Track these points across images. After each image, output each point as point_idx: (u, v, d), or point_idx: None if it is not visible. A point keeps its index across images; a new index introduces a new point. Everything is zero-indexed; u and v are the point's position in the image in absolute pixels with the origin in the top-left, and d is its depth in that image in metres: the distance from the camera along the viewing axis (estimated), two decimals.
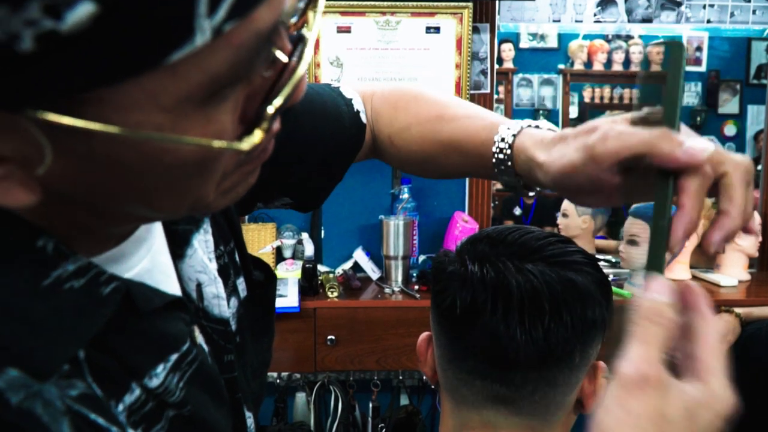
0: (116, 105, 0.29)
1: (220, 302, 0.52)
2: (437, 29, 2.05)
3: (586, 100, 5.07)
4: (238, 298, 0.56)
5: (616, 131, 0.48)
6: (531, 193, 0.61)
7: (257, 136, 0.34)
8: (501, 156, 0.58)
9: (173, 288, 0.48)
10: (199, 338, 0.49)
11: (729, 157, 0.46)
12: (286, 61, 0.35)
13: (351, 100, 0.69)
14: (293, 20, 0.37)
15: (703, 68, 4.74)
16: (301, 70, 0.35)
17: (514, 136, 0.58)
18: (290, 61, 0.35)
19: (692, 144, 0.44)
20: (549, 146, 0.54)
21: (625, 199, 0.54)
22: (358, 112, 0.69)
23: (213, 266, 0.52)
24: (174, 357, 0.43)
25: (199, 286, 0.51)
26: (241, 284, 0.57)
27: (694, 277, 2.12)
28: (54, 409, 0.35)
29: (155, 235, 0.47)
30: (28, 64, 0.26)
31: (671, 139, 0.45)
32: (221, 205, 0.40)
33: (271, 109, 0.34)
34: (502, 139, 0.58)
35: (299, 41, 0.35)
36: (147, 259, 0.45)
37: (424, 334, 0.68)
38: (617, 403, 0.38)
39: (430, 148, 0.66)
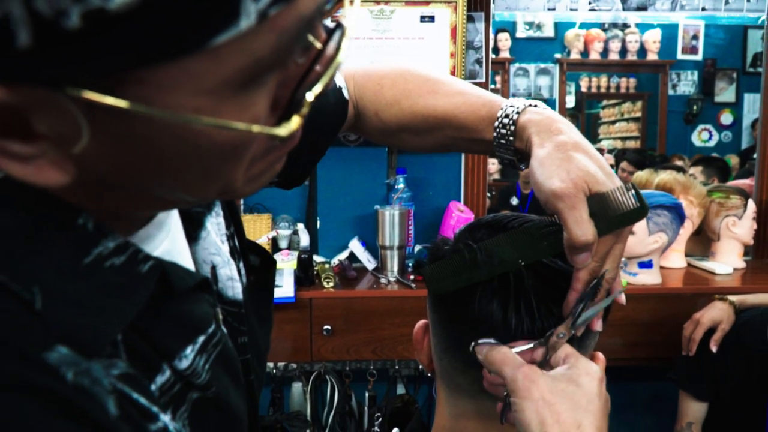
0: (156, 86, 0.29)
1: (234, 284, 0.52)
2: (431, 18, 2.04)
3: (583, 89, 5.08)
4: (242, 283, 0.56)
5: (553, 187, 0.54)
6: (522, 166, 0.64)
7: (295, 122, 0.34)
8: (503, 131, 0.62)
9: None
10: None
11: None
12: (320, 48, 0.35)
13: None
14: (328, 6, 0.37)
15: (699, 57, 4.74)
16: (341, 57, 0.35)
17: (518, 113, 0.61)
18: (325, 49, 0.35)
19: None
20: (545, 138, 0.58)
21: None
22: (340, 88, 0.70)
23: (226, 248, 0.53)
24: (201, 339, 0.43)
25: (213, 268, 0.51)
26: (242, 269, 0.57)
27: (690, 265, 2.12)
28: (101, 387, 0.35)
29: (173, 218, 0.47)
30: (72, 41, 0.26)
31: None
32: (247, 192, 0.40)
33: (311, 96, 0.34)
34: (506, 116, 0.62)
35: (336, 29, 0.35)
36: (167, 241, 0.45)
37: (421, 323, 0.68)
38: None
39: (421, 121, 0.69)
